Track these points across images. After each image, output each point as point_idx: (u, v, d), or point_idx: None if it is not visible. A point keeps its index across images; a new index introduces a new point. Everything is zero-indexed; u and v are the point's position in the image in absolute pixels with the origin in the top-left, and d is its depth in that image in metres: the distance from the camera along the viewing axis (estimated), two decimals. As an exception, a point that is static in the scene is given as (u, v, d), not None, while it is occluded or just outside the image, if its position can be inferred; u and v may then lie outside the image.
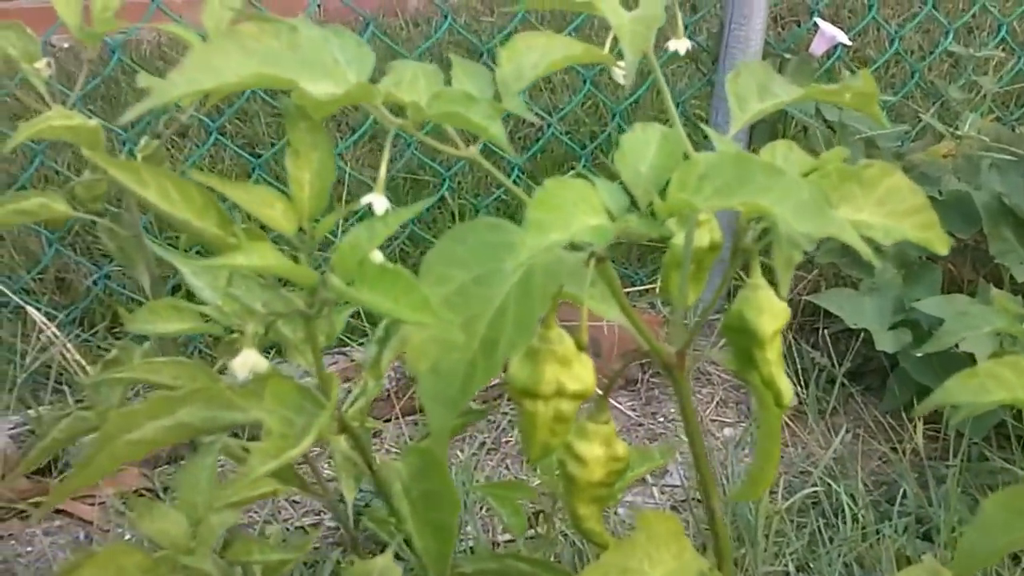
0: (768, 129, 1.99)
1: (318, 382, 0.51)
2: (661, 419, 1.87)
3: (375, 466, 0.56)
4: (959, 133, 1.86)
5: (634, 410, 1.88)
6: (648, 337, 0.58)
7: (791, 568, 1.45)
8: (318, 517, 1.66)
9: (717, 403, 1.92)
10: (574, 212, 0.45)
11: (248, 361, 0.46)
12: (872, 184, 0.52)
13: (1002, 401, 0.53)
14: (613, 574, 0.55)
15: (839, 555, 1.45)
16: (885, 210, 0.52)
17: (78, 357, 1.61)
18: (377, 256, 0.49)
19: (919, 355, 1.66)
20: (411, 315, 0.43)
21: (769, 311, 0.56)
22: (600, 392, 0.61)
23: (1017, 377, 0.53)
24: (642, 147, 0.51)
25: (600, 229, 0.46)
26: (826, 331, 1.90)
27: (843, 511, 1.54)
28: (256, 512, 1.58)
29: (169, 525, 0.59)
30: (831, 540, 1.49)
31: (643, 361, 2.00)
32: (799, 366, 1.87)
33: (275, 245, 0.47)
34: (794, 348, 1.92)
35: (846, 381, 1.83)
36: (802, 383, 1.84)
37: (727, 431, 1.84)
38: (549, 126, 2.26)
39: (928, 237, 0.53)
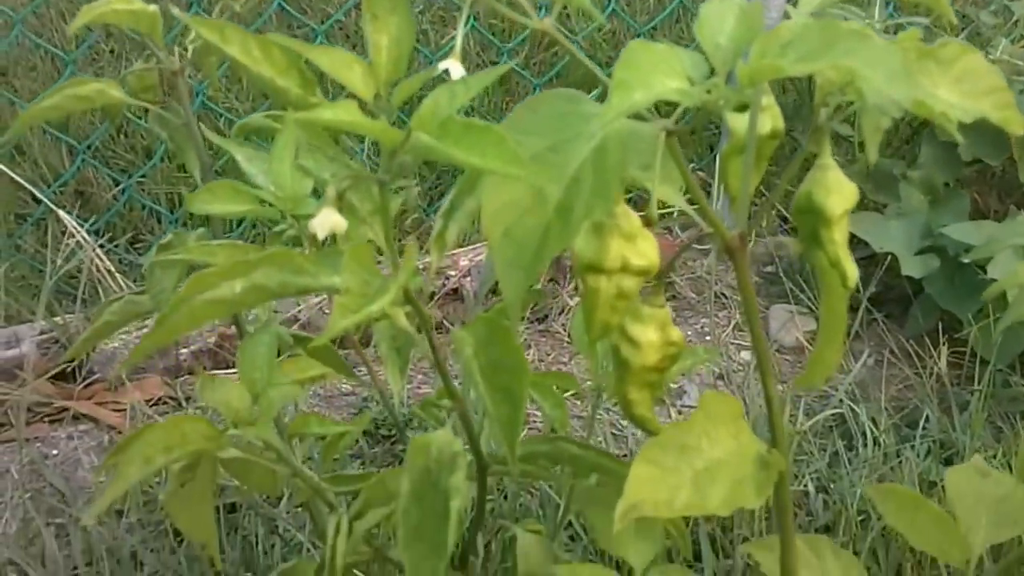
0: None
1: (388, 253, 0.51)
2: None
3: (435, 343, 0.56)
4: (991, 58, 1.84)
5: (655, 332, 1.88)
6: (713, 219, 0.58)
7: (811, 488, 1.46)
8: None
9: (735, 327, 1.92)
10: (657, 74, 0.45)
11: (328, 220, 0.46)
12: (949, 62, 0.52)
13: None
14: (671, 450, 0.56)
15: (860, 476, 1.46)
16: (962, 89, 0.52)
17: (108, 264, 1.61)
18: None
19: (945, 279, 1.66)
20: (501, 167, 0.42)
21: (838, 191, 0.56)
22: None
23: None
24: (720, 19, 0.50)
25: (684, 92, 0.45)
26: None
27: (865, 434, 1.54)
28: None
29: (232, 397, 0.60)
30: (851, 462, 1.50)
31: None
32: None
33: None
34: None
35: (870, 307, 1.83)
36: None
37: (744, 354, 1.84)
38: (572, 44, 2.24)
39: (1006, 116, 0.52)
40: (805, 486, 1.46)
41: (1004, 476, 0.68)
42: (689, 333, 1.91)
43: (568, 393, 1.40)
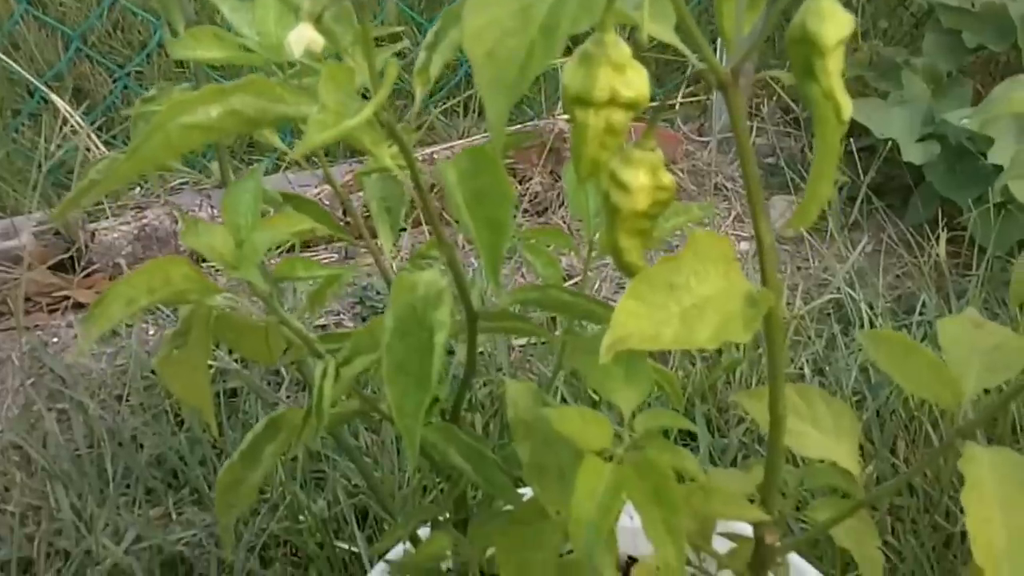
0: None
1: (371, 83, 0.50)
2: (676, 235, 1.87)
3: (421, 177, 0.55)
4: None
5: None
6: (706, 53, 0.56)
7: (807, 370, 1.46)
8: (337, 318, 1.67)
9: (735, 218, 1.91)
10: None
11: (304, 35, 0.45)
12: None
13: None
14: (660, 288, 0.55)
15: (855, 359, 1.46)
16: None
17: (104, 150, 1.60)
18: None
19: (946, 166, 1.64)
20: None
21: (832, 19, 0.54)
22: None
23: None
24: None
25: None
26: (852, 146, 1.88)
27: (861, 318, 1.54)
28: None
29: (216, 241, 0.59)
30: (847, 346, 1.50)
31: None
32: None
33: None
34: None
35: (871, 195, 1.82)
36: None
37: (744, 245, 1.84)
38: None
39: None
40: (801, 368, 1.46)
41: (999, 327, 0.67)
42: (689, 225, 1.89)
43: (562, 251, 1.39)
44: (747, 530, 0.69)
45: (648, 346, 0.53)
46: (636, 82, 0.54)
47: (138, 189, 1.86)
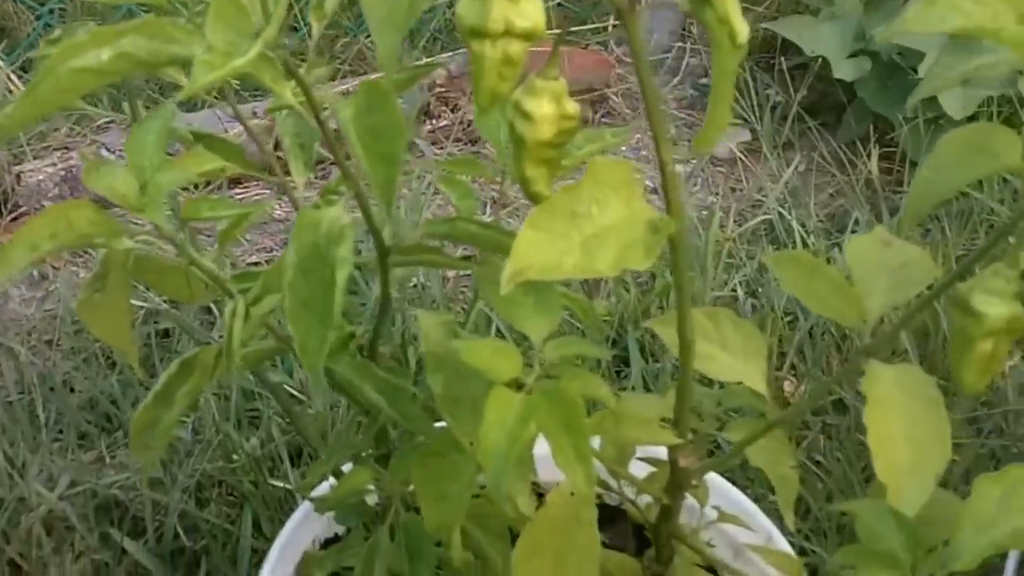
0: None
1: (261, 12, 0.49)
2: (611, 155, 1.86)
3: (322, 116, 0.54)
4: None
5: (589, 148, 1.87)
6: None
7: (740, 292, 1.47)
8: (270, 255, 1.66)
9: (671, 140, 1.91)
10: None
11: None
12: None
13: (960, 28, 0.52)
14: (560, 216, 0.55)
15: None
16: None
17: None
18: None
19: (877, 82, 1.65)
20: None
21: (726, -56, 0.54)
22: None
23: (977, 6, 0.52)
24: None
25: None
26: (783, 64, 1.88)
27: (794, 238, 1.56)
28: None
29: (118, 183, 0.58)
30: (782, 265, 1.51)
31: (594, 100, 1.98)
32: (755, 101, 1.86)
33: None
34: (750, 83, 1.91)
35: (803, 114, 1.83)
36: (757, 117, 1.83)
37: (679, 168, 1.84)
38: None
39: None
40: (734, 290, 1.47)
41: (907, 245, 0.68)
42: (624, 149, 1.89)
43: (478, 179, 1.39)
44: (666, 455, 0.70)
45: (549, 276, 0.53)
46: (531, 12, 0.53)
47: (64, 129, 1.83)
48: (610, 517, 0.85)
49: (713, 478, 0.87)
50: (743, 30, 0.55)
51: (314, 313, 0.52)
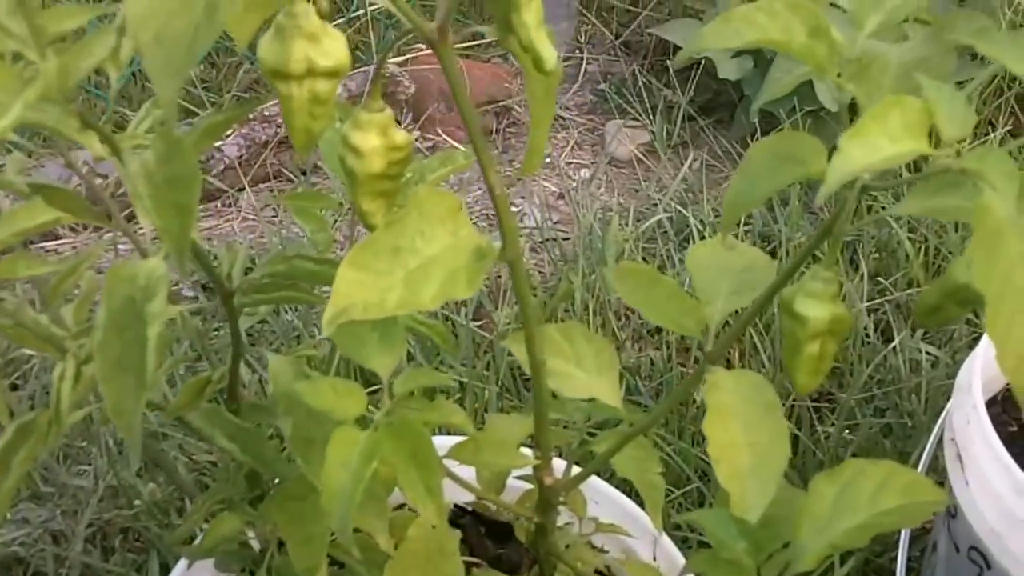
0: None
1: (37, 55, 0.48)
2: (517, 166, 1.87)
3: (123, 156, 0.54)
4: None
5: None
6: (410, 15, 0.56)
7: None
8: (175, 287, 1.64)
9: (572, 146, 1.92)
10: None
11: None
12: None
13: (754, 42, 0.52)
14: (384, 254, 0.55)
15: (687, 278, 1.48)
16: None
17: None
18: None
19: (761, 79, 1.67)
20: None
21: (524, -29, 0.54)
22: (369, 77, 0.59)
23: (770, 19, 0.53)
24: None
25: None
26: (675, 68, 1.89)
27: (691, 235, 1.57)
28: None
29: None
30: (681, 262, 1.53)
31: (498, 112, 1.98)
32: (648, 104, 1.88)
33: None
34: (643, 87, 1.92)
35: (696, 115, 1.84)
36: (651, 119, 1.85)
37: (584, 172, 1.85)
38: None
39: None
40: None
41: (751, 249, 0.69)
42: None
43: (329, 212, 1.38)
44: (534, 473, 0.70)
45: (372, 315, 0.53)
46: (333, 50, 0.53)
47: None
48: (506, 533, 0.85)
49: (599, 487, 0.87)
50: (550, 56, 0.55)
51: (128, 373, 0.51)
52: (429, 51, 0.55)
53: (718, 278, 0.65)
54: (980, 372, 0.91)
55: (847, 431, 1.23)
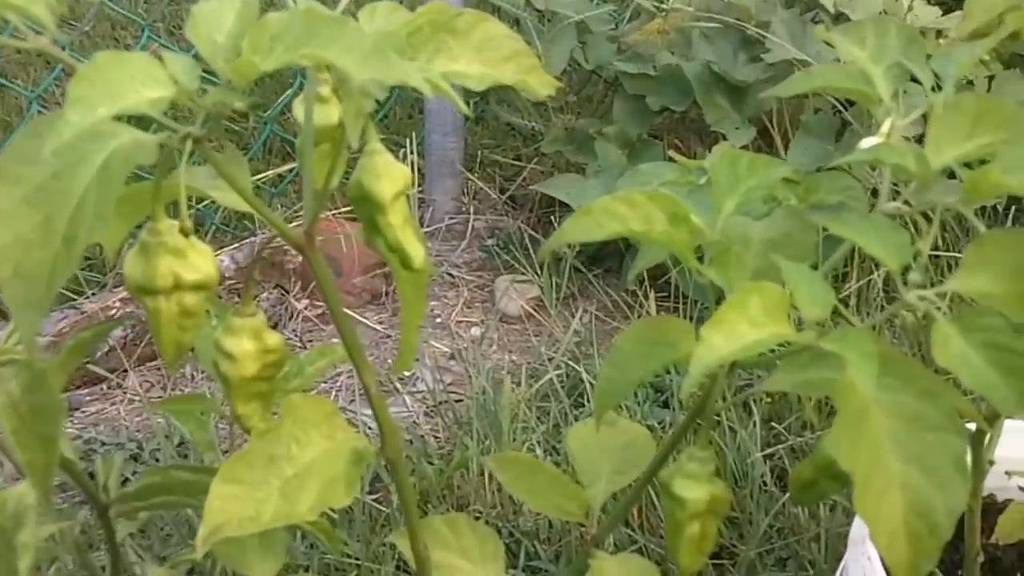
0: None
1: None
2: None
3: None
4: (665, 7, 1.91)
5: (381, 323, 1.87)
6: (276, 223, 0.56)
7: (539, 452, 1.48)
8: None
9: (463, 305, 1.93)
10: (130, 86, 0.43)
11: None
12: (466, 33, 0.52)
13: (616, 234, 0.54)
14: (258, 464, 0.54)
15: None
16: (482, 58, 0.52)
17: None
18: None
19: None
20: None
21: (387, 175, 0.55)
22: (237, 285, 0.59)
23: (630, 210, 0.55)
24: (219, 17, 0.49)
25: (159, 101, 0.44)
26: (562, 220, 1.93)
27: (585, 392, 1.58)
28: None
29: None
30: (577, 418, 1.54)
31: (387, 273, 1.99)
32: (536, 258, 1.90)
33: None
34: (530, 241, 1.96)
35: (584, 267, 1.87)
36: (539, 273, 1.88)
37: (475, 331, 1.86)
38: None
39: (528, 80, 0.53)
40: (532, 449, 1.48)
41: (631, 425, 0.70)
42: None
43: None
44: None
45: (248, 530, 0.52)
46: (200, 264, 0.53)
47: None
48: None
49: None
50: (417, 254, 0.56)
51: (2, 606, 0.49)
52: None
53: (599, 458, 0.66)
54: (870, 522, 0.92)
55: (750, 585, 1.23)
